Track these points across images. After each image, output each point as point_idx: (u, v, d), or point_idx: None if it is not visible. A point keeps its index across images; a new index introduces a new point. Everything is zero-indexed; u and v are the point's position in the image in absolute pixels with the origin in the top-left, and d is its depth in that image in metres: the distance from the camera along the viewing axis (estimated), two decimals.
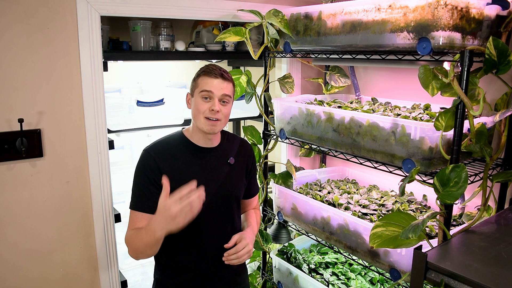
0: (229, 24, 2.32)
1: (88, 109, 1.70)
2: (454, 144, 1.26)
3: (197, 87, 1.40)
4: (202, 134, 1.44)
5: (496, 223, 1.22)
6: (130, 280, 2.45)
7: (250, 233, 1.47)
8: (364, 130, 1.54)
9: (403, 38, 1.38)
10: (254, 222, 1.60)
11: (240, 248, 1.37)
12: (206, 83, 1.39)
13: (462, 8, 1.27)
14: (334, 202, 1.81)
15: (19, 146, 1.57)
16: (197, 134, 1.45)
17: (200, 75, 1.42)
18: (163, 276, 1.50)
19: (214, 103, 1.38)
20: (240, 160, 1.55)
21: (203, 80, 1.40)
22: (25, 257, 1.66)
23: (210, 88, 1.38)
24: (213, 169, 1.47)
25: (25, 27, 1.54)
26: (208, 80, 1.39)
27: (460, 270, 0.91)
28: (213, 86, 1.38)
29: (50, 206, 1.69)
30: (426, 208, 1.77)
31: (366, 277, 1.89)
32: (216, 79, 1.39)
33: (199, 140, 1.46)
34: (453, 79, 1.23)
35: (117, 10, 1.72)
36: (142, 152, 1.43)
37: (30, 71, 1.57)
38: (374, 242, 1.25)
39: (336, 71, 2.10)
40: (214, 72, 1.40)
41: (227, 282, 1.54)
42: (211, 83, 1.38)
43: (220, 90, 1.39)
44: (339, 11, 1.61)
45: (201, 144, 1.46)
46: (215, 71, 1.40)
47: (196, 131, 1.45)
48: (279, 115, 1.98)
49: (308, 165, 2.50)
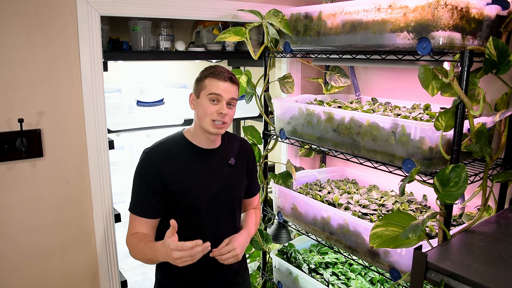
0: (229, 24, 2.32)
1: (88, 109, 1.70)
2: (454, 144, 1.26)
3: (204, 88, 1.38)
4: (205, 136, 1.44)
5: (496, 223, 1.22)
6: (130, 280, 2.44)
7: (242, 237, 1.45)
8: (364, 130, 1.54)
9: (403, 38, 1.38)
10: (252, 222, 1.59)
11: (224, 251, 1.37)
12: (214, 86, 1.37)
13: (462, 8, 1.27)
14: (334, 202, 1.81)
15: (19, 146, 1.57)
16: (200, 136, 1.44)
17: (207, 77, 1.39)
18: (164, 277, 1.50)
19: (222, 107, 1.37)
20: (240, 161, 1.55)
21: (211, 82, 1.37)
22: (25, 257, 1.66)
23: (219, 91, 1.36)
24: (214, 170, 1.46)
25: (25, 27, 1.54)
26: (217, 83, 1.37)
27: (460, 270, 0.91)
28: (222, 89, 1.37)
29: (50, 206, 1.69)
30: (426, 208, 1.77)
31: (366, 277, 1.89)
32: (225, 82, 1.38)
33: (201, 141, 1.45)
34: (453, 79, 1.23)
35: (117, 10, 1.72)
36: (142, 154, 1.42)
37: (30, 71, 1.57)
38: (374, 242, 1.25)
39: (336, 71, 2.10)
40: (223, 75, 1.38)
41: (229, 282, 1.54)
42: (220, 86, 1.37)
43: (229, 93, 1.38)
44: (339, 11, 1.61)
45: (203, 146, 1.46)
46: (223, 74, 1.38)
47: (198, 133, 1.44)
48: (279, 115, 1.98)
49: (308, 165, 2.50)
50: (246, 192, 1.61)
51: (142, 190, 1.38)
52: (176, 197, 1.39)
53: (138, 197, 1.39)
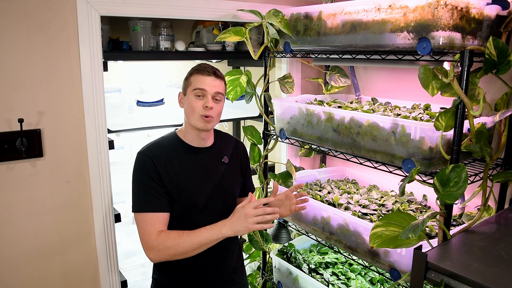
0: (229, 24, 2.32)
1: (88, 109, 1.70)
2: (454, 144, 1.26)
3: (190, 85, 1.42)
4: (195, 133, 1.45)
5: (496, 223, 1.22)
6: (130, 280, 2.44)
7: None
8: (364, 130, 1.54)
9: (403, 38, 1.38)
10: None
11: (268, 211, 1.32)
12: (199, 81, 1.40)
13: (462, 8, 1.27)
14: (334, 202, 1.81)
15: (19, 146, 1.57)
16: (191, 134, 1.46)
17: (192, 74, 1.43)
18: (161, 277, 1.50)
19: (207, 100, 1.39)
20: (234, 159, 1.56)
21: (195, 78, 1.41)
22: (25, 257, 1.66)
23: (203, 86, 1.39)
24: (208, 168, 1.47)
25: (25, 27, 1.54)
26: (201, 78, 1.40)
27: (460, 270, 0.91)
28: (206, 83, 1.39)
29: (50, 206, 1.69)
30: (426, 208, 1.77)
31: (366, 277, 1.89)
32: (209, 76, 1.40)
33: (193, 140, 1.46)
34: (453, 79, 1.23)
35: (117, 10, 1.72)
36: (137, 156, 1.42)
37: (30, 71, 1.57)
38: (374, 242, 1.25)
39: (336, 71, 2.10)
40: (207, 70, 1.41)
41: (226, 281, 1.54)
42: (204, 81, 1.40)
43: (213, 87, 1.40)
44: (339, 11, 1.61)
45: (195, 144, 1.47)
46: (207, 69, 1.41)
47: (189, 131, 1.46)
48: (279, 115, 1.98)
49: (308, 165, 2.50)
50: (241, 190, 1.61)
51: (150, 185, 1.36)
52: (172, 195, 1.40)
53: (146, 193, 1.36)
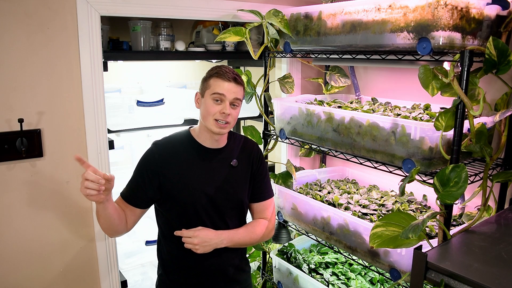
0: (229, 24, 2.32)
1: (88, 109, 1.70)
2: (454, 144, 1.26)
3: (209, 88, 1.39)
4: (209, 135, 1.44)
5: (496, 223, 1.22)
6: (130, 280, 2.44)
7: (213, 233, 1.39)
8: (364, 130, 1.54)
9: (403, 38, 1.38)
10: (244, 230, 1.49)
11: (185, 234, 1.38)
12: (218, 86, 1.37)
13: (462, 8, 1.27)
14: (334, 202, 1.81)
15: (19, 146, 1.57)
16: (204, 135, 1.45)
17: (212, 76, 1.40)
18: (166, 273, 1.50)
19: (225, 106, 1.37)
20: (243, 162, 1.51)
21: (215, 82, 1.38)
22: (25, 257, 1.66)
23: (222, 91, 1.37)
24: (214, 170, 1.46)
25: (25, 27, 1.54)
26: (221, 82, 1.38)
27: (460, 270, 0.92)
28: (226, 89, 1.37)
29: (50, 206, 1.69)
30: (426, 208, 1.77)
31: (366, 277, 1.89)
32: (229, 82, 1.38)
33: (205, 140, 1.46)
34: (453, 79, 1.23)
35: (117, 10, 1.72)
36: (151, 145, 1.45)
37: (30, 71, 1.57)
38: (374, 242, 1.25)
39: (336, 71, 2.10)
40: (227, 75, 1.38)
41: (230, 279, 1.53)
42: (224, 86, 1.37)
43: (233, 94, 1.38)
44: (339, 11, 1.61)
45: (207, 145, 1.46)
46: (228, 74, 1.39)
47: (203, 132, 1.45)
48: (279, 115, 1.98)
49: (308, 165, 2.50)
50: (253, 195, 1.54)
51: (137, 180, 1.42)
52: (172, 192, 1.40)
53: (132, 185, 1.43)
